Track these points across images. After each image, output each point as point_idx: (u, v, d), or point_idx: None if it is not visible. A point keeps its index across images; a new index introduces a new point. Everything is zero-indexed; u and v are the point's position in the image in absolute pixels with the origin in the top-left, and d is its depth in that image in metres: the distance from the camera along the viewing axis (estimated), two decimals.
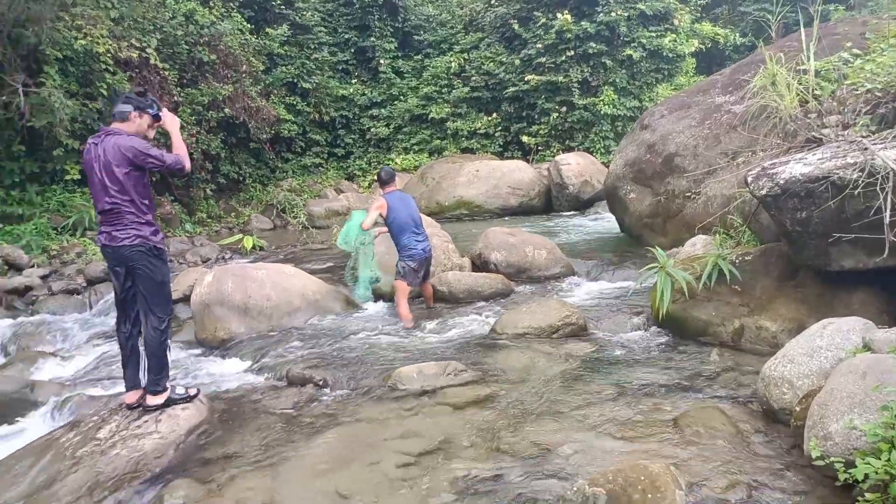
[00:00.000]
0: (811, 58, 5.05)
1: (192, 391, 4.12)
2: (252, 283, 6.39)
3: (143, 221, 3.73)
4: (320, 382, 4.50)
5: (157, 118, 3.92)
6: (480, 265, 7.81)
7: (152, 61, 12.16)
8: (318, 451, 3.60)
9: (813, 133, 4.60)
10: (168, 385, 4.02)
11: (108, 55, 10.82)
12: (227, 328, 6.19)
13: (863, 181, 3.80)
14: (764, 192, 4.34)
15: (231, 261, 10.68)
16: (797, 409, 3.22)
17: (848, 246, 4.18)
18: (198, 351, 6.06)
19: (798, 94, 4.97)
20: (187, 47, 13.50)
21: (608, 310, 6.05)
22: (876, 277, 4.39)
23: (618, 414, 3.76)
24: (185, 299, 6.93)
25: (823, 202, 4.02)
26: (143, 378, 3.99)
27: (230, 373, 5.14)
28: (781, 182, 4.19)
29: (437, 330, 5.83)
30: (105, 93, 11.28)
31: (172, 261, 10.96)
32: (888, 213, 3.71)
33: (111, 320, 7.45)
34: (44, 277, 9.07)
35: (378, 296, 7.06)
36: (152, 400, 3.94)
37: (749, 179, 4.51)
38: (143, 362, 3.99)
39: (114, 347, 6.20)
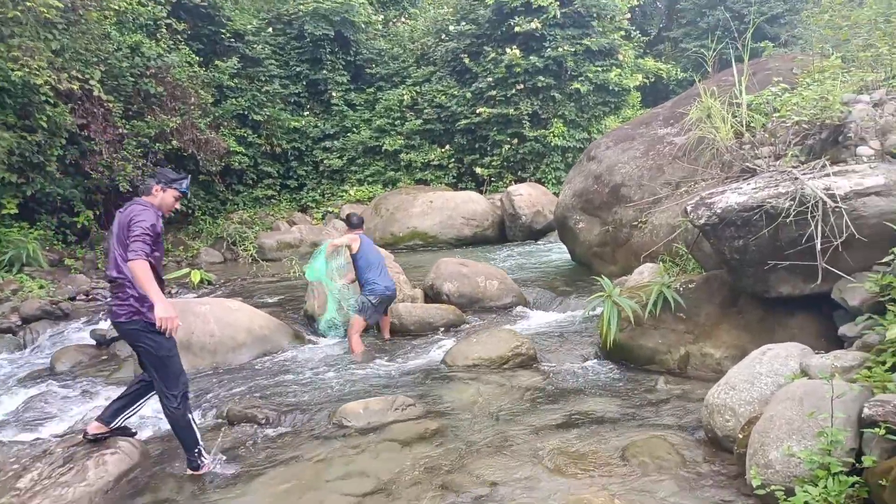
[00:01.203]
0: (743, 91, 5.25)
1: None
2: (194, 318, 6.18)
3: (141, 296, 3.58)
4: (262, 421, 4.34)
5: (184, 194, 3.96)
6: (433, 296, 7.76)
7: (95, 93, 11.85)
8: (257, 497, 3.44)
9: (747, 163, 4.75)
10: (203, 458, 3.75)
11: (48, 87, 10.50)
12: None
13: (794, 209, 3.92)
14: (703, 221, 4.44)
15: (178, 295, 10.35)
16: (740, 436, 3.24)
17: (785, 273, 4.29)
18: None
19: (732, 127, 5.15)
20: (133, 79, 13.24)
21: (558, 339, 6.06)
22: (813, 302, 4.51)
23: (565, 446, 3.72)
24: None
25: (759, 230, 4.13)
26: (119, 420, 3.92)
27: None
28: (718, 211, 4.30)
29: (388, 363, 5.72)
30: (45, 125, 10.94)
31: None
32: (819, 240, 3.83)
33: (45, 360, 7.09)
34: None
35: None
36: (193, 473, 3.71)
37: (688, 209, 4.61)
38: (136, 409, 3.99)
39: (47, 389, 5.89)
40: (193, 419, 3.82)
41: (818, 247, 3.85)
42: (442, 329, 6.81)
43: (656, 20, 24.77)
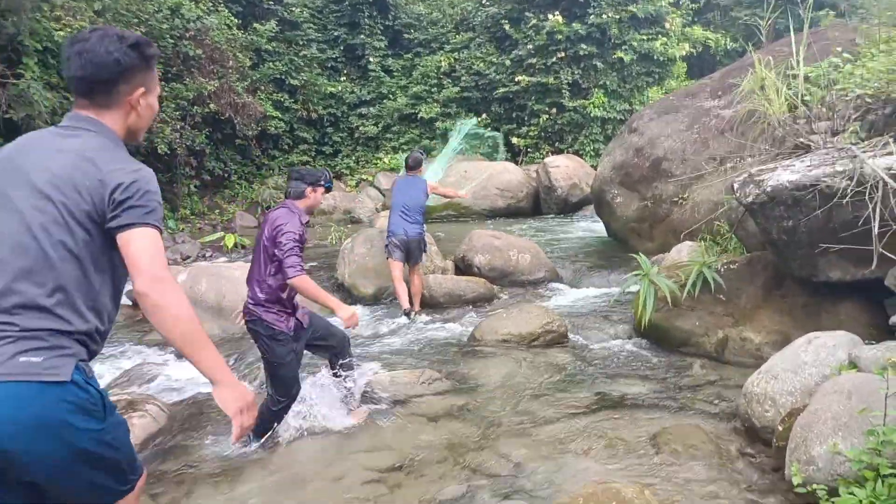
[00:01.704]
0: (800, 62, 4.93)
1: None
2: (226, 283, 6.21)
3: (271, 300, 3.57)
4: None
5: (328, 189, 3.96)
6: (464, 268, 7.66)
7: None
8: (282, 463, 3.44)
9: (801, 139, 4.47)
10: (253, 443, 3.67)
11: None
12: None
13: (851, 190, 3.67)
14: (750, 199, 4.21)
15: (212, 259, 10.48)
16: (780, 428, 3.09)
17: (835, 256, 4.05)
18: (169, 352, 5.86)
19: (787, 100, 4.84)
20: (172, 41, 13.26)
21: (591, 317, 5.92)
22: (864, 289, 4.27)
23: (594, 429, 3.62)
24: None
25: (810, 211, 3.89)
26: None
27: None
28: (768, 189, 4.06)
29: (416, 335, 5.67)
30: None
31: None
32: (877, 223, 3.58)
33: None
34: None
35: (357, 299, 6.90)
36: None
37: (735, 186, 4.38)
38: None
39: None
40: (279, 420, 3.74)
41: (875, 230, 3.60)
42: (472, 302, 6.71)
43: None
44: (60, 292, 1.63)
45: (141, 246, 1.64)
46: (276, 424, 3.72)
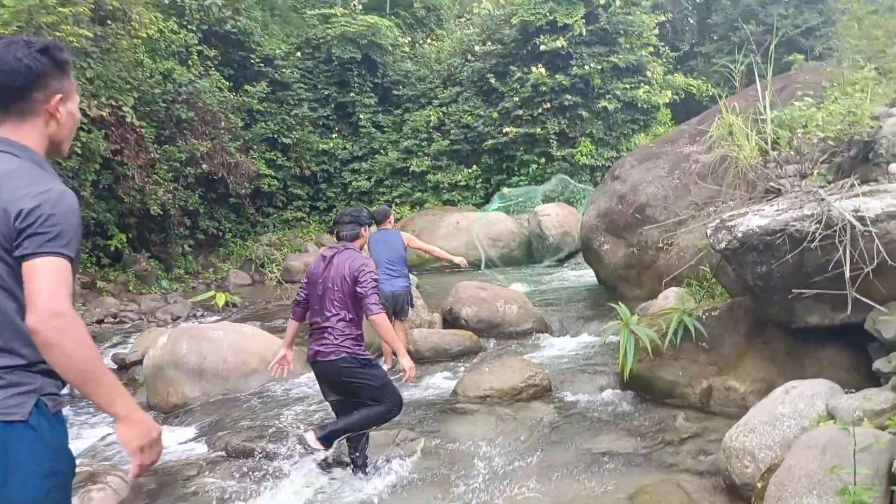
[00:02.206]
0: (767, 107, 4.98)
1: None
2: (208, 344, 6.13)
3: (354, 336, 3.73)
4: (260, 455, 4.21)
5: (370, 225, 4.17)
6: (451, 321, 7.58)
7: (129, 119, 12.14)
8: None
9: (771, 183, 4.48)
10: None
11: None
12: (180, 392, 5.91)
13: (820, 233, 3.65)
14: (723, 245, 4.19)
15: (202, 318, 10.42)
16: (759, 485, 2.97)
17: (812, 301, 4.00)
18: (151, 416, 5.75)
19: (757, 144, 4.88)
20: (165, 105, 13.55)
21: (576, 368, 5.81)
22: (846, 333, 4.19)
23: (575, 489, 3.50)
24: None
25: (782, 255, 3.86)
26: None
27: (173, 443, 4.82)
28: (739, 235, 4.04)
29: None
30: (79, 151, 11.21)
31: (142, 318, 10.72)
32: (848, 266, 3.55)
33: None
34: None
35: None
36: (314, 442, 3.68)
37: (708, 232, 4.36)
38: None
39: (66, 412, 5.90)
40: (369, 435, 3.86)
41: (847, 274, 3.56)
42: (458, 356, 6.61)
43: (688, 36, 24.36)
44: (6, 328, 1.57)
45: (38, 278, 1.52)
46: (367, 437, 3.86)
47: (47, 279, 1.53)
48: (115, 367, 7.52)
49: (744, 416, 3.57)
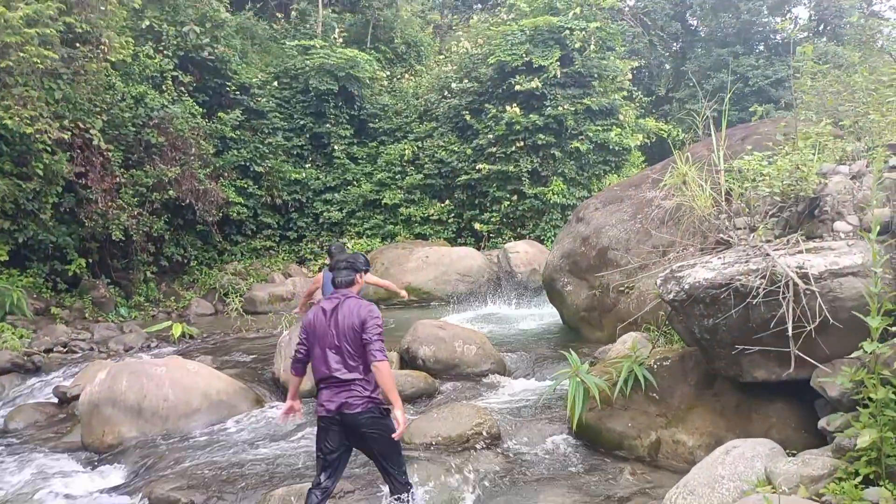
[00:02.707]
0: (720, 158, 5.00)
1: None
2: (148, 381, 5.89)
3: (375, 386, 3.67)
4: None
5: (367, 272, 4.11)
6: (409, 360, 7.42)
7: (95, 142, 11.92)
8: None
9: (721, 235, 4.46)
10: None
11: (46, 135, 10.54)
12: (117, 432, 5.65)
13: (764, 289, 3.60)
14: (671, 296, 4.13)
15: (156, 349, 10.09)
16: None
17: (759, 356, 3.93)
18: (79, 458, 5.47)
19: (710, 195, 4.87)
20: (134, 129, 13.36)
21: (529, 413, 5.67)
22: (794, 389, 4.13)
23: None
24: None
25: (728, 309, 3.81)
26: None
27: (97, 490, 4.58)
28: (686, 287, 3.99)
29: None
30: (41, 173, 10.95)
31: (93, 349, 10.34)
32: (791, 323, 3.50)
33: (1, 417, 6.80)
34: None
35: None
36: None
37: (658, 282, 4.31)
38: None
39: None
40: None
41: (790, 331, 3.51)
42: (411, 398, 6.42)
43: (664, 81, 24.94)
44: None
45: None
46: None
47: None
48: (56, 400, 7.22)
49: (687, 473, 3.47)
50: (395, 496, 3.69)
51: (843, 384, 3.20)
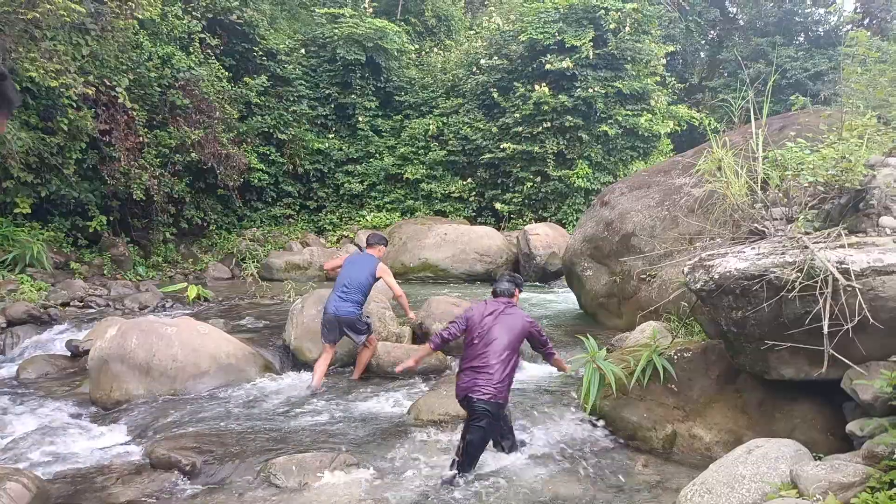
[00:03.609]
0: (759, 145, 4.76)
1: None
2: (158, 341, 5.84)
3: (508, 385, 4.17)
4: (186, 468, 3.92)
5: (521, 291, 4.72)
6: (421, 336, 7.30)
7: (121, 100, 11.89)
8: None
9: (756, 224, 4.24)
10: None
11: (73, 91, 10.51)
12: (124, 389, 5.62)
13: (801, 283, 3.40)
14: (699, 285, 3.94)
15: (171, 310, 10.10)
16: None
17: (788, 353, 3.74)
18: (86, 412, 5.45)
19: (746, 182, 4.64)
20: (160, 90, 13.30)
21: (541, 397, 5.53)
22: (821, 388, 3.94)
23: None
24: None
25: (759, 303, 3.61)
26: None
27: (101, 446, 4.54)
28: (716, 277, 3.79)
29: (348, 409, 5.27)
30: (65, 128, 10.94)
31: (109, 305, 10.38)
32: (827, 321, 3.30)
33: (15, 367, 6.83)
34: None
35: (301, 364, 6.52)
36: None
37: (685, 270, 4.11)
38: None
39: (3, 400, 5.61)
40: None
41: (825, 329, 3.31)
42: (422, 374, 6.33)
43: (698, 69, 24.30)
44: None
45: None
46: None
47: None
48: (69, 354, 7.23)
49: (705, 470, 3.31)
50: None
51: (882, 388, 3.00)
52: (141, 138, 12.84)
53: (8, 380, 6.54)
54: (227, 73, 15.04)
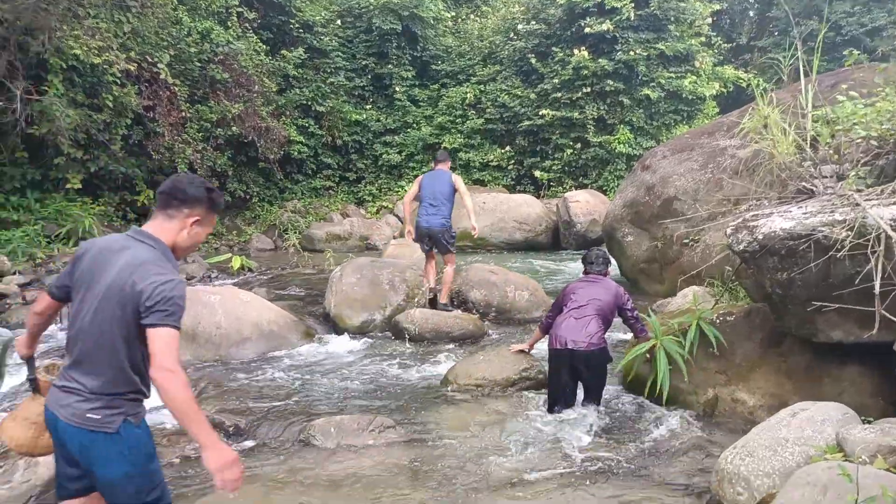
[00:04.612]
0: (809, 101, 4.52)
1: None
2: (203, 308, 6.01)
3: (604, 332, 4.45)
4: (230, 430, 4.04)
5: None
6: (458, 303, 7.32)
7: (163, 76, 12.11)
8: None
9: (804, 183, 4.06)
10: None
11: (116, 68, 10.74)
12: None
13: (851, 242, 3.24)
14: (742, 246, 3.80)
15: (216, 279, 10.38)
16: None
17: (835, 315, 3.60)
18: None
19: (794, 140, 4.43)
20: (200, 64, 13.49)
21: None
22: (872, 351, 3.79)
23: (551, 496, 3.22)
24: None
25: (806, 263, 3.47)
26: None
27: (150, 407, 4.69)
28: (760, 237, 3.65)
29: (385, 372, 5.34)
30: (111, 105, 11.21)
31: None
32: (879, 280, 3.15)
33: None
34: (22, 286, 8.81)
35: (342, 330, 6.62)
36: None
37: (728, 231, 3.98)
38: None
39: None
40: None
41: (877, 289, 3.16)
42: (459, 340, 6.36)
43: (746, 28, 23.26)
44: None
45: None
46: None
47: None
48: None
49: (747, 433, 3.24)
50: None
51: None
52: (183, 113, 13.09)
53: (60, 350, 6.83)
54: (264, 47, 15.14)
